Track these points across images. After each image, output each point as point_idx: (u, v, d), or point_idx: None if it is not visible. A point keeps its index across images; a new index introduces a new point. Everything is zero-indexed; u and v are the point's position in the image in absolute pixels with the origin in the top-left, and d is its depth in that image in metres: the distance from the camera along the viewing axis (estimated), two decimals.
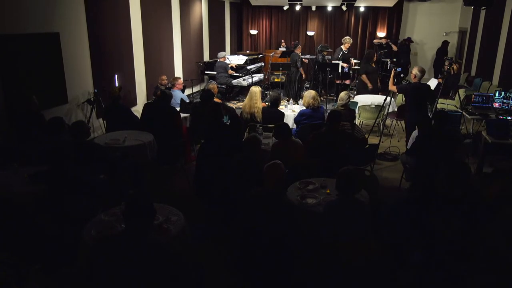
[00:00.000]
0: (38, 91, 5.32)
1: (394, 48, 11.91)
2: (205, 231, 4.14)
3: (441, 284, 2.82)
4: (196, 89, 10.44)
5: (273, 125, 5.51)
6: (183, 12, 10.07)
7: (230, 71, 10.07)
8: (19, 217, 3.04)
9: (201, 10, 11.25)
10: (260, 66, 11.61)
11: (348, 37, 10.10)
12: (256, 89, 6.10)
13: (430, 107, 6.71)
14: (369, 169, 5.24)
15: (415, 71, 5.92)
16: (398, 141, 7.18)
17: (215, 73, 10.09)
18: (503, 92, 6.77)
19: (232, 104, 9.39)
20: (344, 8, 12.92)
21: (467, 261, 2.85)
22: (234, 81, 10.26)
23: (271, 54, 11.46)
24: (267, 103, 6.53)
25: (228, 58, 10.86)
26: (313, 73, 11.35)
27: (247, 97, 6.18)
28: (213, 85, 7.20)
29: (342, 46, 9.89)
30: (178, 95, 7.22)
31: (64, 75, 6.21)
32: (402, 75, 7.47)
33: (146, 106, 6.10)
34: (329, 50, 10.78)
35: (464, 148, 5.88)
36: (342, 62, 9.70)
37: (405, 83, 6.80)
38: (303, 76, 10.26)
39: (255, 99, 6.01)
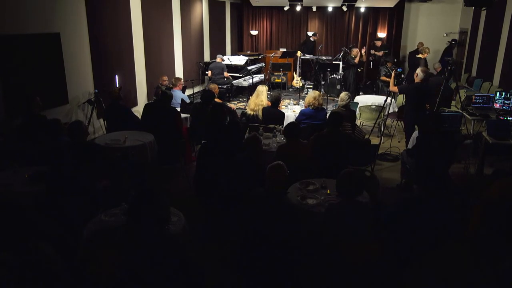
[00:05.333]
0: (39, 92, 5.32)
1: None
2: (206, 232, 4.14)
3: None
4: (196, 89, 10.44)
5: (273, 126, 5.53)
6: (183, 12, 10.07)
7: (226, 74, 9.90)
8: (19, 217, 3.03)
9: (202, 11, 11.26)
10: (261, 67, 11.61)
11: (426, 47, 9.57)
12: (263, 88, 6.24)
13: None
14: (370, 169, 5.24)
15: (418, 71, 5.91)
16: (399, 142, 7.18)
17: (212, 73, 9.78)
18: (503, 93, 6.77)
19: (232, 105, 9.38)
20: (344, 8, 12.91)
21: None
22: (235, 82, 10.25)
23: (271, 55, 11.47)
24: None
25: (228, 58, 10.86)
26: (313, 73, 11.38)
27: (254, 94, 6.25)
28: (213, 86, 7.20)
29: (420, 55, 9.28)
30: (179, 95, 7.22)
31: (65, 75, 6.20)
32: (402, 76, 7.46)
33: (146, 107, 6.10)
34: (388, 61, 10.41)
35: (464, 149, 5.88)
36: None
37: (406, 83, 6.80)
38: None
39: (262, 97, 6.11)
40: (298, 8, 13.16)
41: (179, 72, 10.02)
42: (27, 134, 4.72)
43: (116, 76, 7.35)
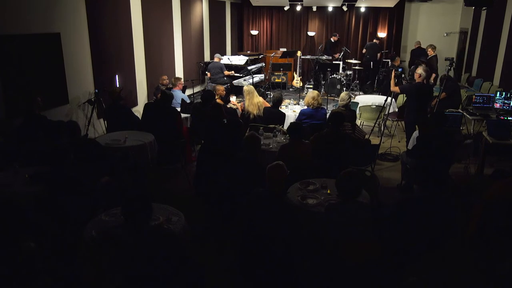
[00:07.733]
0: (39, 92, 5.32)
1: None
2: (206, 232, 4.14)
3: None
4: (196, 89, 10.44)
5: (273, 126, 5.53)
6: (183, 12, 10.07)
7: (227, 72, 9.84)
8: (19, 217, 3.04)
9: (202, 11, 11.26)
10: (261, 67, 11.61)
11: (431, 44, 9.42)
12: (250, 88, 6.32)
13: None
14: (370, 169, 5.23)
15: (420, 70, 5.90)
16: (399, 142, 7.18)
17: (211, 73, 9.66)
18: (504, 93, 6.77)
19: (232, 105, 9.37)
20: (344, 8, 12.91)
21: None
22: (235, 82, 10.24)
23: (271, 55, 11.47)
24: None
25: (229, 58, 10.85)
26: (313, 73, 11.39)
27: (246, 97, 6.25)
28: (219, 87, 7.12)
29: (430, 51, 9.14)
30: (179, 95, 7.22)
31: (65, 75, 6.20)
32: (403, 76, 7.44)
33: (146, 106, 6.10)
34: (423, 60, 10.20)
35: (464, 149, 5.88)
36: None
37: (407, 83, 6.80)
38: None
39: (256, 97, 6.21)
40: (298, 8, 13.16)
41: (179, 72, 10.02)
42: (27, 134, 4.72)
43: (116, 76, 7.36)
